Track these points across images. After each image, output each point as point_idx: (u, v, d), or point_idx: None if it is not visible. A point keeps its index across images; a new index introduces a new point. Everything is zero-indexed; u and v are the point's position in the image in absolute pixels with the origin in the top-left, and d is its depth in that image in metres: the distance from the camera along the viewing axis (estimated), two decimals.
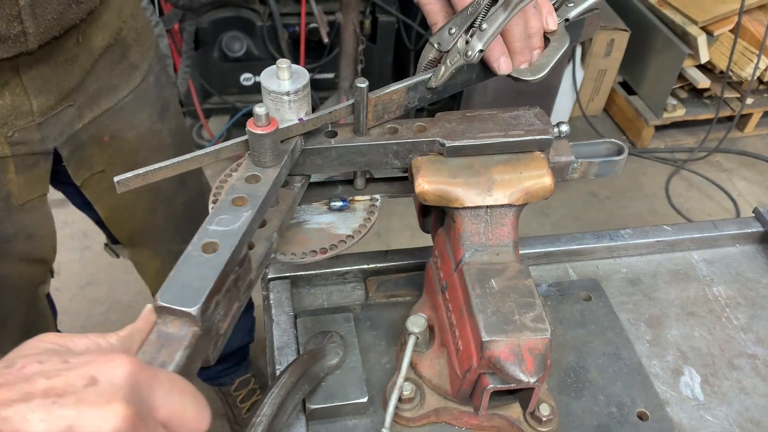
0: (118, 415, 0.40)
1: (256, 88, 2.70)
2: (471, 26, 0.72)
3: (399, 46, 2.83)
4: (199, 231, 0.58)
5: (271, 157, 0.66)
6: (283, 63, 0.67)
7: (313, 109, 0.71)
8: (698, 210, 2.85)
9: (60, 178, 1.15)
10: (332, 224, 0.78)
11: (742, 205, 2.87)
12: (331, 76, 2.79)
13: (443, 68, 0.75)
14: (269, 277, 0.89)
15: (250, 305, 1.84)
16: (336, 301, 0.91)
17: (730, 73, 2.85)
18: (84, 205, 1.29)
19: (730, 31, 2.82)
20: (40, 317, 1.25)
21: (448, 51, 0.74)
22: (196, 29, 2.57)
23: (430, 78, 0.76)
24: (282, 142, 0.68)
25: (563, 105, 2.99)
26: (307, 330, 0.82)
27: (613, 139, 0.81)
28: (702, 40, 2.79)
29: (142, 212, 1.30)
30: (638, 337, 0.90)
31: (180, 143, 1.30)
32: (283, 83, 0.67)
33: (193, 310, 0.51)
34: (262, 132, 0.63)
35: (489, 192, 0.72)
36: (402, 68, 3.01)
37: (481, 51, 0.72)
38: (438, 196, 0.72)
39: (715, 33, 2.81)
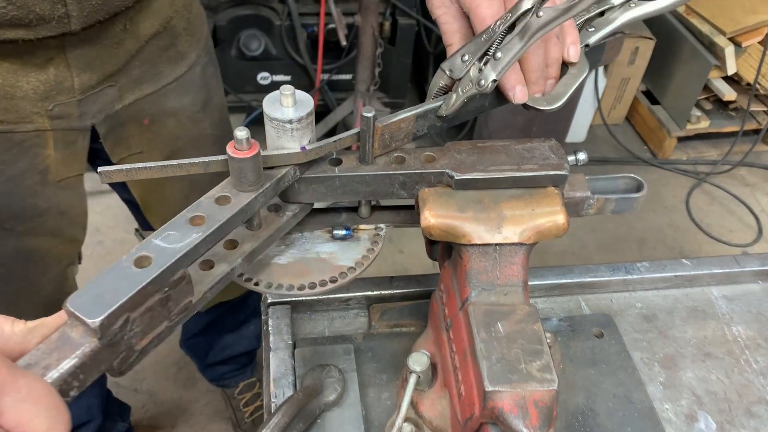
0: None
1: (273, 87, 2.68)
2: (485, 54, 0.69)
3: (418, 49, 2.79)
4: (143, 242, 0.56)
5: (249, 182, 0.63)
6: (287, 90, 0.64)
7: (329, 110, 0.69)
8: (719, 225, 2.78)
9: (100, 155, 1.16)
10: (334, 254, 0.75)
11: (765, 221, 2.80)
12: (348, 77, 2.76)
13: (454, 96, 0.71)
14: (269, 302, 0.86)
15: (258, 311, 1.83)
16: (338, 329, 0.88)
17: (758, 85, 2.78)
18: (120, 186, 1.32)
19: (759, 42, 2.75)
20: (65, 298, 1.25)
21: (460, 79, 0.71)
22: (214, 27, 2.55)
23: (440, 106, 0.72)
24: (272, 168, 0.65)
25: (584, 112, 2.94)
26: (306, 361, 0.80)
27: (632, 174, 0.77)
28: (729, 51, 2.72)
29: (175, 198, 1.30)
30: (651, 378, 0.86)
31: (221, 135, 1.30)
32: (287, 110, 0.64)
33: (93, 322, 0.50)
34: (239, 156, 0.61)
35: (498, 229, 0.68)
36: (421, 72, 2.97)
37: (494, 81, 0.68)
38: (444, 231, 0.69)
39: (744, 44, 2.74)
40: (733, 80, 2.88)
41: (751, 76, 2.75)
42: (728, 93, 2.84)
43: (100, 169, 0.61)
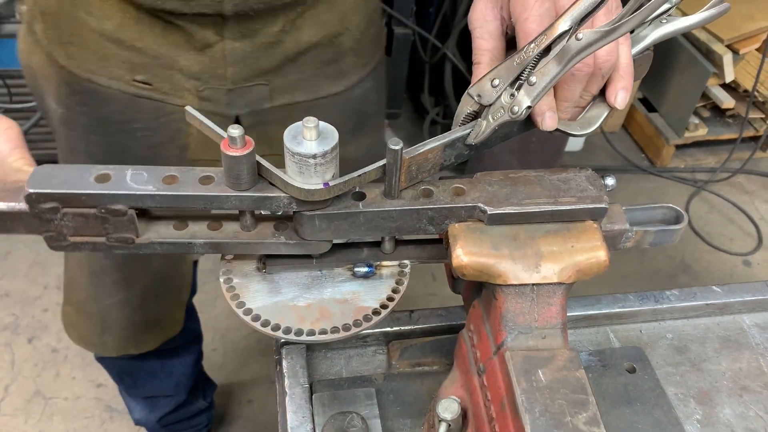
0: None
1: None
2: (517, 78, 0.64)
3: (414, 58, 2.75)
4: (123, 166, 0.61)
5: (234, 181, 0.61)
6: (310, 122, 0.59)
7: None
8: (719, 234, 2.76)
9: None
10: (356, 294, 0.69)
11: (765, 229, 2.78)
12: None
13: (485, 123, 0.67)
14: (282, 341, 0.81)
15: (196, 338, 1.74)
16: (355, 368, 0.83)
17: (756, 93, 2.76)
18: None
19: (757, 49, 2.73)
20: (177, 276, 1.26)
21: (490, 105, 0.66)
22: None
23: (468, 134, 0.68)
24: (275, 186, 0.62)
25: None
26: (324, 407, 0.74)
27: (670, 204, 0.73)
28: (728, 58, 2.69)
29: None
30: (687, 415, 0.81)
31: (364, 161, 1.24)
32: (310, 144, 0.59)
33: (26, 189, 0.58)
34: (228, 153, 0.58)
35: (536, 268, 0.63)
36: (417, 81, 2.93)
37: (528, 107, 0.64)
38: (478, 271, 0.64)
39: (741, 51, 2.71)
40: (730, 87, 2.86)
41: (749, 83, 2.73)
42: (726, 101, 2.81)
43: (188, 107, 0.63)
